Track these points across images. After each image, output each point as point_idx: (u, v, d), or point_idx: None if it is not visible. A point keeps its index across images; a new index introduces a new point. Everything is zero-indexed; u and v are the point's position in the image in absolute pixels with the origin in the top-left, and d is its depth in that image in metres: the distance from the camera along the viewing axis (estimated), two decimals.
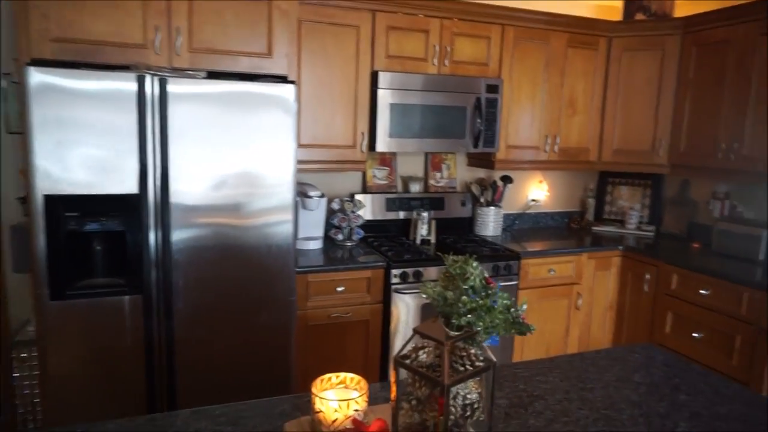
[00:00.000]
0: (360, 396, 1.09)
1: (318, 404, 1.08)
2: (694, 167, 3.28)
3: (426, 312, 2.86)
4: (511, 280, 3.02)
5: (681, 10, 3.50)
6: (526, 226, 3.88)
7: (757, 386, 2.57)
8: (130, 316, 2.13)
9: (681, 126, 3.33)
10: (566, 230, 3.83)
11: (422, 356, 1.02)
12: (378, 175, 3.40)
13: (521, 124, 3.35)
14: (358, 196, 3.26)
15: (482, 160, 3.47)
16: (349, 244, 3.11)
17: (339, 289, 2.71)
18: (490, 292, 1.01)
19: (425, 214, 3.28)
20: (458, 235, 3.47)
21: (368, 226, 3.27)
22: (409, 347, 1.04)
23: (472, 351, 1.00)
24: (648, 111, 3.44)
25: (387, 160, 3.43)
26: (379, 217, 3.34)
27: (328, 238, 3.13)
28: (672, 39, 3.32)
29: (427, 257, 2.90)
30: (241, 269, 2.24)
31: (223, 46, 2.34)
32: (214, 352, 2.27)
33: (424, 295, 1.02)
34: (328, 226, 3.14)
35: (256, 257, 2.26)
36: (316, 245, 2.98)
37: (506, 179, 3.52)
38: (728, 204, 3.34)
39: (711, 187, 3.49)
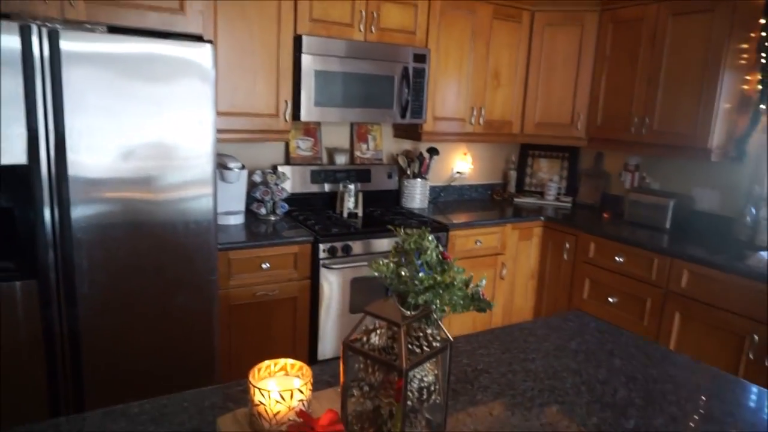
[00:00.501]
0: (303, 384, 0.99)
1: (257, 396, 0.97)
2: (609, 140, 3.42)
3: (356, 287, 2.79)
4: None
5: None
6: (451, 198, 3.90)
7: (665, 344, 2.76)
8: (24, 305, 1.87)
9: (598, 100, 3.45)
10: (490, 202, 3.89)
11: (374, 339, 0.94)
12: (302, 146, 3.24)
13: (448, 95, 3.31)
14: (281, 168, 3.09)
15: (409, 132, 3.41)
16: (272, 218, 2.95)
17: (264, 266, 2.56)
18: (446, 267, 0.94)
19: (351, 187, 3.18)
20: (385, 207, 3.41)
21: (292, 199, 3.12)
22: (359, 330, 0.95)
23: (429, 331, 0.93)
24: (568, 85, 3.53)
25: (311, 130, 3.27)
26: (303, 190, 3.19)
27: (249, 213, 2.95)
28: (590, 15, 3.40)
29: (355, 231, 2.81)
30: (156, 248, 2.03)
31: None
32: (127, 341, 2.06)
33: (376, 273, 0.93)
34: (250, 199, 2.96)
35: (173, 234, 2.05)
36: (237, 220, 2.79)
37: (432, 151, 3.49)
38: (638, 176, 3.53)
39: (623, 159, 3.67)
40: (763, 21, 2.84)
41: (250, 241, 2.51)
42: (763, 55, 2.85)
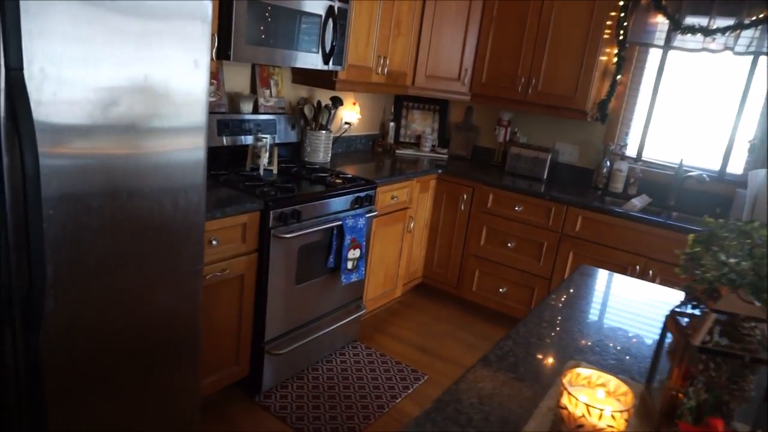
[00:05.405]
0: (620, 412, 0.89)
1: (564, 399, 0.88)
2: (494, 98, 3.68)
3: (303, 255, 2.52)
4: (371, 211, 2.90)
5: None
6: (341, 150, 3.73)
7: (560, 278, 3.23)
8: None
9: (484, 59, 3.65)
10: (373, 153, 3.85)
11: (717, 337, 0.92)
12: None
13: (360, 41, 3.10)
14: None
15: (312, 79, 3.10)
16: None
17: (214, 242, 2.11)
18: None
19: (267, 140, 2.79)
20: (295, 163, 3.09)
21: None
22: (701, 333, 0.91)
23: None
24: (456, 41, 3.64)
25: (213, 72, 2.71)
26: (210, 144, 2.66)
27: None
28: None
29: (301, 194, 2.50)
30: (138, 234, 1.48)
31: None
32: (99, 364, 1.51)
33: (729, 276, 0.90)
34: None
35: (159, 212, 1.53)
36: None
37: (337, 101, 3.26)
38: (510, 130, 3.92)
39: (491, 114, 4.00)
40: (621, 3, 3.37)
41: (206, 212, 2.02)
42: (621, 32, 3.40)
